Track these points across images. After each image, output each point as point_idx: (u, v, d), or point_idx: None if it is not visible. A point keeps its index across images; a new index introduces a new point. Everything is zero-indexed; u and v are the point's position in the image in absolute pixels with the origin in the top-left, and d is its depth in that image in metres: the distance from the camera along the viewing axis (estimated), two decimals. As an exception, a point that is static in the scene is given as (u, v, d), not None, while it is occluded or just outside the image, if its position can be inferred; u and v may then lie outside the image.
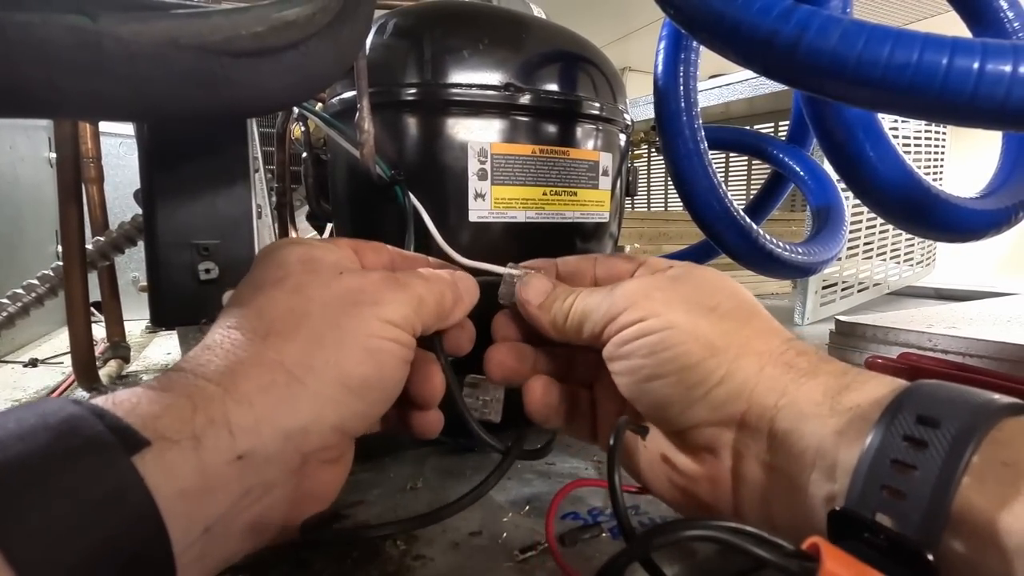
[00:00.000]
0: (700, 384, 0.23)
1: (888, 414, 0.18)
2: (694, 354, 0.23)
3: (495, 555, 0.26)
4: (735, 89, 1.07)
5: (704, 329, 0.23)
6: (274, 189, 0.59)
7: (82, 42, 0.18)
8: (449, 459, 0.36)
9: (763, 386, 0.22)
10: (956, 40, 0.24)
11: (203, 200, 0.33)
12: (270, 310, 0.21)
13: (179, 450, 0.17)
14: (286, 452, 0.19)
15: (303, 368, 0.20)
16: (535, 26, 0.38)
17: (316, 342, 0.21)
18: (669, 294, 0.25)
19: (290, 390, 0.20)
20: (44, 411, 0.16)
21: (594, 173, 0.39)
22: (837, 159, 0.42)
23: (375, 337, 0.22)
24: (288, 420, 0.19)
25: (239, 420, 0.18)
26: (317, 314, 0.21)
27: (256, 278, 0.23)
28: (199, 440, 0.17)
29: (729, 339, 0.23)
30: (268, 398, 0.19)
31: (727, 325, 0.24)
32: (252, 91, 0.22)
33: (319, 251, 0.24)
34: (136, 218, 0.49)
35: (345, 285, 0.22)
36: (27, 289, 0.50)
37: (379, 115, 0.33)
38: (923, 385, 0.19)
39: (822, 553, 0.15)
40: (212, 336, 0.21)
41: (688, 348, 0.23)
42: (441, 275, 0.26)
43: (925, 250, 1.18)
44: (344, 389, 0.21)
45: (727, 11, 0.28)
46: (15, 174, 0.71)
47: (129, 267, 0.82)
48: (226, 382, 0.19)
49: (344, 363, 0.21)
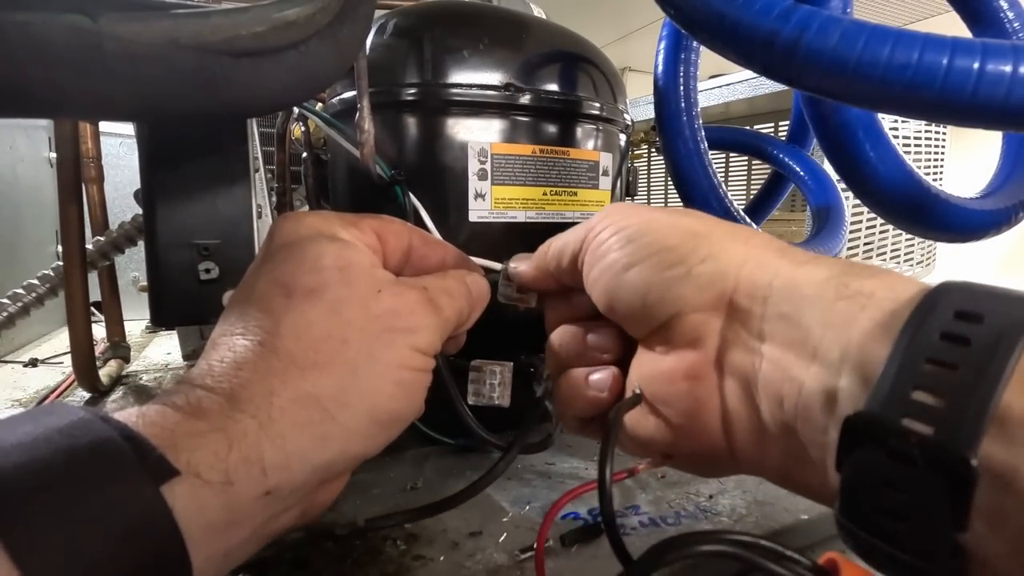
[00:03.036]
0: (680, 262, 0.21)
1: (921, 310, 0.16)
2: (672, 237, 0.21)
3: (495, 555, 0.26)
4: (735, 89, 1.07)
5: (684, 220, 0.22)
6: (274, 189, 0.59)
7: (82, 42, 0.18)
8: (449, 459, 0.36)
9: (753, 264, 0.20)
10: (956, 40, 0.24)
11: (203, 200, 0.33)
12: (308, 333, 0.20)
13: (211, 488, 0.17)
14: (311, 483, 0.20)
15: (337, 404, 0.20)
16: (535, 26, 0.38)
17: (351, 374, 0.20)
18: (644, 208, 0.24)
19: (323, 427, 0.19)
20: (68, 430, 0.16)
21: (594, 173, 0.39)
22: (837, 159, 0.42)
23: (406, 369, 0.21)
24: (318, 457, 0.19)
25: (272, 458, 0.18)
26: (355, 341, 0.21)
27: (283, 276, 0.21)
28: (231, 479, 0.17)
29: (711, 228, 0.22)
30: (302, 436, 0.19)
31: (711, 222, 0.22)
32: (252, 91, 0.22)
33: (354, 253, 0.23)
34: (136, 218, 0.49)
35: (383, 306, 0.22)
36: (27, 289, 0.50)
37: (379, 115, 0.33)
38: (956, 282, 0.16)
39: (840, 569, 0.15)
40: (237, 348, 0.20)
41: (666, 233, 0.22)
42: (461, 287, 0.25)
43: (925, 250, 1.18)
44: (374, 423, 0.21)
45: (727, 11, 0.28)
46: (15, 174, 0.71)
47: (129, 267, 0.82)
48: (262, 416, 0.18)
49: (377, 398, 0.21)
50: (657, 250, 0.21)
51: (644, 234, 0.22)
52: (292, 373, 0.19)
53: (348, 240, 0.23)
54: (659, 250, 0.21)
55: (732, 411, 0.20)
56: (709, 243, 0.21)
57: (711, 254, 0.21)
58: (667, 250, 0.21)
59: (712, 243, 0.21)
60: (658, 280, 0.21)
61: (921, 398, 0.15)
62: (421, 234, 0.27)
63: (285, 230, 0.23)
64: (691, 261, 0.21)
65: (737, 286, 0.20)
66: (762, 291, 0.19)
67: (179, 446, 0.16)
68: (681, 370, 0.21)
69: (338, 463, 0.20)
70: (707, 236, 0.21)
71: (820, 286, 0.18)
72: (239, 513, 0.17)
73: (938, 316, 0.15)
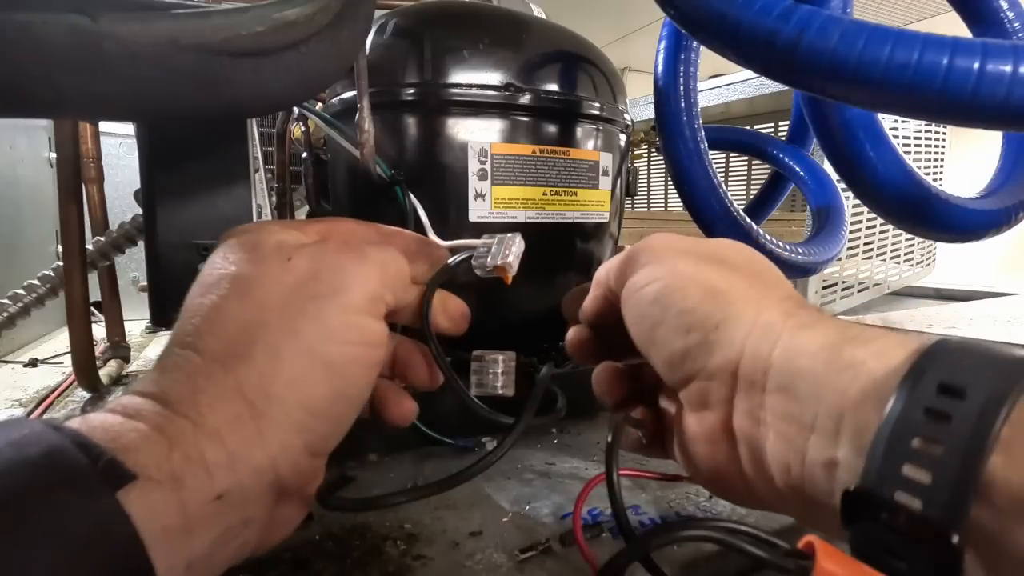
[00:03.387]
0: (698, 327, 0.21)
1: (907, 382, 0.17)
2: (692, 297, 0.22)
3: (495, 555, 0.26)
4: (735, 89, 1.07)
5: (706, 275, 0.23)
6: (274, 189, 0.59)
7: (82, 42, 0.18)
8: (449, 459, 0.36)
9: (758, 333, 0.21)
10: (956, 40, 0.24)
11: (203, 200, 0.33)
12: (222, 324, 0.19)
13: (161, 489, 0.16)
14: (262, 487, 0.19)
15: (263, 397, 0.19)
16: (535, 26, 0.38)
17: (273, 360, 0.19)
18: (679, 245, 0.25)
19: (256, 423, 0.18)
20: (21, 440, 0.15)
21: (594, 173, 0.39)
22: (837, 159, 0.42)
23: (335, 344, 0.20)
24: (259, 454, 0.18)
25: (214, 458, 0.17)
26: (274, 322, 0.19)
27: (203, 276, 0.21)
28: (180, 479, 0.16)
29: (731, 284, 0.22)
30: (237, 434, 0.18)
31: (733, 275, 0.23)
32: (252, 91, 0.22)
33: (266, 232, 0.22)
34: (136, 218, 0.49)
35: (296, 273, 0.20)
36: (28, 289, 0.50)
37: (379, 115, 0.33)
38: (944, 346, 0.17)
39: (817, 551, 0.15)
40: (169, 355, 0.20)
41: (688, 292, 0.22)
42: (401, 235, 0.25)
43: (925, 250, 1.18)
44: (307, 413, 0.19)
45: (727, 11, 0.28)
46: (15, 174, 0.71)
47: (129, 267, 0.82)
48: (193, 415, 0.18)
49: (304, 385, 0.19)
50: (677, 312, 0.22)
51: (668, 292, 0.23)
52: (215, 368, 0.19)
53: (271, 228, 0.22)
54: (679, 312, 0.22)
55: (748, 473, 0.21)
56: (725, 305, 0.22)
57: (725, 319, 0.21)
58: (686, 313, 0.22)
59: (728, 305, 0.22)
60: (679, 346, 0.22)
61: (910, 473, 0.16)
62: (375, 227, 0.26)
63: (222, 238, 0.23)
64: (706, 327, 0.21)
65: (743, 357, 0.21)
66: (763, 363, 0.20)
67: (126, 448, 0.16)
68: (701, 433, 0.22)
69: (282, 461, 0.19)
70: (725, 295, 0.22)
71: (815, 357, 0.19)
72: (193, 519, 0.17)
73: (923, 389, 0.16)
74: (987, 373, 0.16)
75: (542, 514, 0.29)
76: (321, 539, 0.27)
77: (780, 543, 0.16)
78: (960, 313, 0.69)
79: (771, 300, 0.22)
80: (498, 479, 0.33)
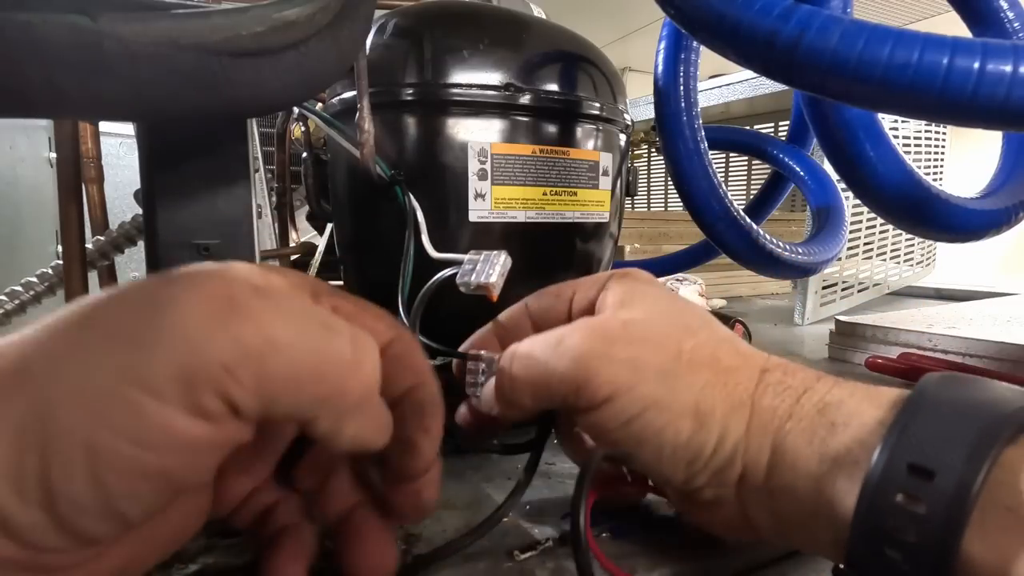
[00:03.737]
0: (696, 458, 0.22)
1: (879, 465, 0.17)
2: (684, 431, 0.21)
3: (495, 555, 0.26)
4: (735, 89, 1.07)
5: (683, 395, 0.21)
6: (274, 189, 0.59)
7: (82, 42, 0.18)
8: (449, 459, 0.36)
9: (754, 444, 0.21)
10: (956, 40, 0.24)
11: (203, 200, 0.33)
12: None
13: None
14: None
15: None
16: (535, 26, 0.38)
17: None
18: (629, 350, 0.22)
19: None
20: None
21: (594, 173, 0.39)
22: (837, 159, 0.42)
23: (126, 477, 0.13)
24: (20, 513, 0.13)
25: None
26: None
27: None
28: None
29: (710, 396, 0.22)
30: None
31: (701, 376, 0.22)
32: (252, 91, 0.22)
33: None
34: (136, 218, 0.49)
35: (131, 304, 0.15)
36: (26, 287, 0.50)
37: (379, 115, 0.33)
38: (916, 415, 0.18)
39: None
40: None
41: (676, 426, 0.21)
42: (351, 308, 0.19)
43: (925, 250, 1.18)
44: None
45: (727, 11, 0.28)
46: (15, 174, 0.71)
47: (129, 267, 0.82)
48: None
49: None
50: (672, 448, 0.22)
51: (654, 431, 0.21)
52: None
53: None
54: (674, 448, 0.22)
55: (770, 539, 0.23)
56: (715, 425, 0.22)
57: (720, 439, 0.21)
58: (681, 448, 0.22)
59: (716, 424, 0.22)
60: (682, 474, 0.22)
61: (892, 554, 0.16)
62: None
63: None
64: (704, 454, 0.22)
65: (744, 471, 0.22)
66: (762, 472, 0.21)
67: None
68: (717, 523, 0.24)
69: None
70: (710, 415, 0.21)
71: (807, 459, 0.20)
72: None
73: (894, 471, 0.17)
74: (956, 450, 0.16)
75: (542, 514, 0.29)
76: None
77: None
78: (960, 313, 0.69)
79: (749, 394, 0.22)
80: (498, 479, 0.33)
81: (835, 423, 0.20)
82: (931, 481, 0.16)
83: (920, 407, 0.18)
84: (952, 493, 0.16)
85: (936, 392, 0.18)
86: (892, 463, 0.17)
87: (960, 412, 0.17)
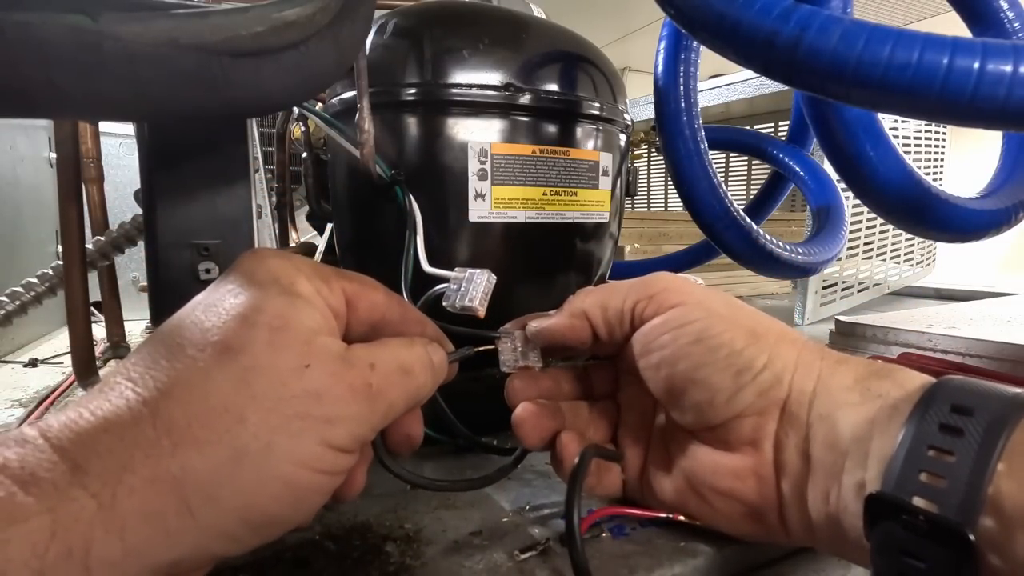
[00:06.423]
0: (748, 369, 0.23)
1: (923, 404, 0.19)
2: (739, 340, 0.23)
3: (495, 555, 0.26)
4: (735, 89, 1.07)
5: (742, 319, 0.24)
6: (274, 189, 0.59)
7: (82, 42, 0.18)
8: (449, 459, 0.36)
9: (801, 371, 0.23)
10: (956, 40, 0.24)
11: (203, 200, 0.33)
12: (202, 401, 0.17)
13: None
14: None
15: (203, 497, 0.16)
16: (535, 26, 0.38)
17: (234, 461, 0.17)
18: (698, 288, 0.25)
19: (177, 522, 0.16)
20: None
21: (594, 173, 0.39)
22: (837, 159, 0.42)
23: (306, 469, 0.18)
24: (161, 555, 0.16)
25: (101, 552, 0.15)
26: (253, 423, 0.17)
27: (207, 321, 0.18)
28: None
29: (766, 327, 0.24)
30: (146, 530, 0.15)
31: (760, 317, 0.25)
32: (252, 91, 0.22)
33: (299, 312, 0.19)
34: (136, 218, 0.49)
35: (305, 386, 0.18)
36: (26, 288, 0.50)
37: (379, 115, 0.33)
38: (952, 379, 0.20)
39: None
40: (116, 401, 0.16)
41: (733, 335, 0.23)
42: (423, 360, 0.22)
43: (925, 250, 1.18)
44: (242, 524, 0.17)
45: (727, 11, 0.28)
46: (15, 174, 0.71)
47: (129, 267, 0.82)
48: (105, 496, 0.15)
49: (256, 497, 0.17)
50: (727, 354, 0.23)
51: (712, 335, 0.23)
52: (161, 447, 0.16)
53: (303, 294, 0.20)
54: (729, 354, 0.23)
55: (788, 505, 0.23)
56: (767, 346, 0.23)
57: (770, 359, 0.23)
58: (735, 355, 0.23)
59: (769, 346, 0.23)
60: (730, 385, 0.23)
61: (927, 480, 0.18)
62: (401, 307, 0.24)
63: (242, 268, 0.20)
64: (756, 367, 0.23)
65: (790, 394, 0.23)
66: (807, 397, 0.22)
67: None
68: (749, 468, 0.23)
69: (186, 562, 0.16)
70: (764, 337, 0.24)
71: (851, 389, 0.22)
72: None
73: (938, 408, 0.19)
74: (992, 399, 0.19)
75: (542, 514, 0.29)
76: (321, 539, 0.27)
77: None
78: (960, 313, 0.69)
79: (802, 340, 0.24)
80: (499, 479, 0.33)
81: (880, 372, 0.22)
82: (971, 416, 0.18)
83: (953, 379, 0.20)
84: (988, 424, 0.18)
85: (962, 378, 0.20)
86: (936, 405, 0.19)
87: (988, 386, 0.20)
